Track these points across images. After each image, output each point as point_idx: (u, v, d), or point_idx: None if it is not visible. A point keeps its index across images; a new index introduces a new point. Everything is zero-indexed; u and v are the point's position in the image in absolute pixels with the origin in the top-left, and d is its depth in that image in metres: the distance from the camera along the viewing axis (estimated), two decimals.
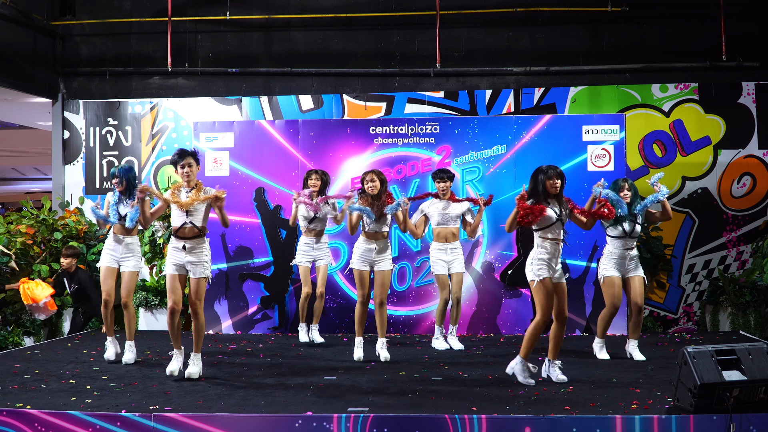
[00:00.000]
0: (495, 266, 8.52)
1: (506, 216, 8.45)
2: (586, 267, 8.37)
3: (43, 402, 5.13)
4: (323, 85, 9.94)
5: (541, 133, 8.54)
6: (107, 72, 10.20)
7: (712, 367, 4.55)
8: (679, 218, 9.33)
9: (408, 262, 8.62)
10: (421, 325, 8.57)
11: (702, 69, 9.52)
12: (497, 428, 4.54)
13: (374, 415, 4.62)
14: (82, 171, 10.15)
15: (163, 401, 5.15)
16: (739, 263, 9.28)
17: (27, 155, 17.92)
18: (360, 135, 8.72)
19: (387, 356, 6.73)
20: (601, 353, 6.82)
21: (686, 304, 9.33)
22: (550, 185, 5.62)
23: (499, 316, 8.49)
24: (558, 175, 5.64)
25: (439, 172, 7.54)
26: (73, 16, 10.29)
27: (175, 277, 5.94)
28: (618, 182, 6.71)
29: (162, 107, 10.01)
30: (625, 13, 9.50)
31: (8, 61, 9.54)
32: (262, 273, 8.76)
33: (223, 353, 7.32)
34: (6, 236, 9.08)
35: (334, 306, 8.64)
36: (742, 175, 9.37)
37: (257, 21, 10.03)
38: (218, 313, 8.74)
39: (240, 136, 8.81)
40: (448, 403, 5.05)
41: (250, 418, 4.69)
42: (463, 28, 9.79)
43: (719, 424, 4.49)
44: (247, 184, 8.78)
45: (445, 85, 9.79)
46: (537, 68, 9.67)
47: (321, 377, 6.04)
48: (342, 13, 9.86)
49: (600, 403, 5.00)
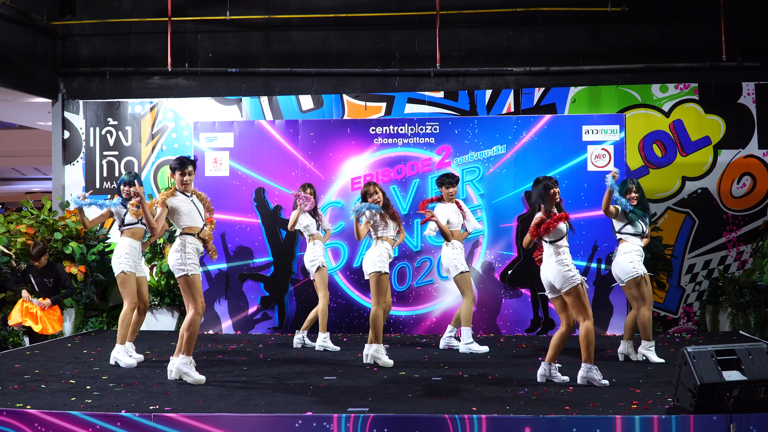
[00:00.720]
0: (495, 266, 8.52)
1: (506, 216, 8.53)
2: (586, 267, 8.37)
3: (43, 402, 5.13)
4: (323, 85, 9.95)
5: (541, 133, 8.54)
6: (107, 72, 10.20)
7: (712, 367, 4.55)
8: (679, 218, 9.33)
9: (408, 263, 8.62)
10: (421, 325, 8.57)
11: (702, 69, 9.52)
12: (497, 428, 4.54)
13: (374, 415, 4.62)
14: (82, 171, 10.15)
15: (163, 401, 5.15)
16: (739, 263, 9.28)
17: (27, 155, 17.91)
18: (360, 135, 8.72)
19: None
20: (654, 356, 6.66)
21: (686, 304, 9.33)
22: (554, 194, 5.61)
23: (499, 316, 8.49)
24: (556, 184, 5.67)
25: (448, 177, 7.51)
26: (73, 16, 10.29)
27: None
28: (626, 183, 6.66)
29: (162, 107, 10.01)
30: (625, 13, 9.50)
31: (8, 61, 9.54)
32: (262, 273, 8.76)
33: (223, 353, 7.32)
34: (6, 236, 9.08)
35: (334, 306, 8.63)
36: (742, 175, 9.37)
37: (257, 21, 10.04)
38: (218, 313, 8.74)
39: (240, 136, 8.81)
40: (448, 403, 5.05)
41: (250, 418, 4.69)
42: (463, 28, 9.79)
43: (719, 424, 4.49)
44: (247, 184, 8.78)
45: (445, 85, 9.79)
46: (537, 68, 9.67)
47: (321, 377, 6.04)
48: (342, 13, 9.86)
49: (600, 403, 5.00)
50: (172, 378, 5.87)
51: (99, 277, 9.32)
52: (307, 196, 7.44)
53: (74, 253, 9.15)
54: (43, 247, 8.38)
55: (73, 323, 9.18)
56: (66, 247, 9.14)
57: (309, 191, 7.53)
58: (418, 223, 8.53)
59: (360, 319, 8.59)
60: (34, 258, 8.30)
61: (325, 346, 7.45)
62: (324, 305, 7.40)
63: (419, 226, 8.53)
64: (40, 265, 8.34)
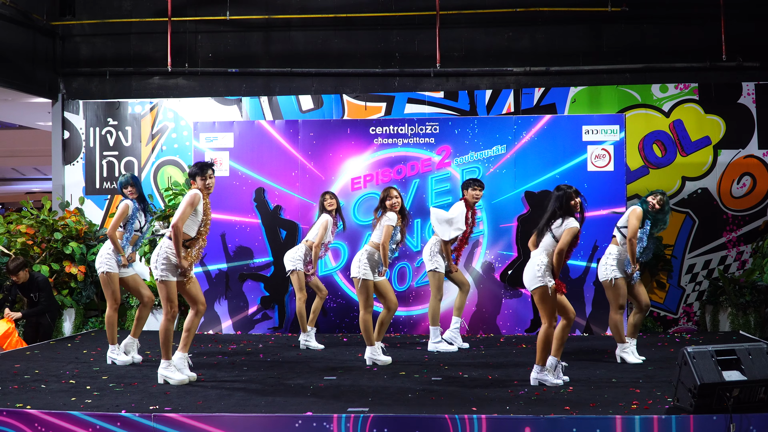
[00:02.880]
0: (495, 266, 8.52)
1: (506, 216, 8.54)
2: (586, 267, 8.37)
3: (43, 402, 5.14)
4: (323, 85, 9.94)
5: (541, 133, 8.54)
6: (107, 72, 10.20)
7: (712, 367, 4.55)
8: (679, 218, 9.32)
9: (408, 263, 8.62)
10: (421, 325, 8.57)
11: (702, 69, 9.52)
12: (497, 428, 4.54)
13: (374, 415, 4.62)
14: (82, 171, 10.15)
15: (163, 401, 5.15)
16: (739, 263, 9.28)
17: (27, 155, 17.90)
18: (360, 135, 8.72)
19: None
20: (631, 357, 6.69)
21: (686, 304, 9.32)
22: (575, 204, 5.66)
23: (499, 316, 8.49)
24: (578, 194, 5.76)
25: (475, 182, 7.54)
26: (73, 16, 10.29)
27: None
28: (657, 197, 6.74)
29: (162, 107, 10.01)
30: (625, 13, 9.50)
31: (8, 61, 9.54)
32: (262, 273, 8.76)
33: (223, 353, 7.32)
34: (6, 236, 9.08)
35: (334, 306, 8.64)
36: (742, 176, 9.36)
37: (257, 21, 10.03)
38: (218, 313, 8.74)
39: (240, 137, 8.81)
40: (448, 403, 5.05)
41: (250, 418, 4.69)
42: (463, 28, 9.79)
43: (719, 424, 4.49)
44: (247, 185, 8.78)
45: (445, 85, 9.79)
46: (537, 68, 9.67)
47: (321, 377, 6.04)
48: (342, 13, 9.86)
49: (600, 403, 5.01)
50: (160, 382, 5.89)
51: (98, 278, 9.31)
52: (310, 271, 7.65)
53: (74, 253, 9.17)
54: (22, 262, 7.98)
55: (73, 323, 9.18)
56: (66, 247, 9.15)
57: (329, 198, 7.68)
58: (418, 223, 8.54)
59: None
60: (11, 272, 7.92)
61: (307, 345, 7.62)
62: (301, 306, 7.61)
63: (419, 226, 8.53)
64: (19, 281, 7.98)
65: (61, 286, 9.22)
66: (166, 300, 5.80)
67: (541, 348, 5.58)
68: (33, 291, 8.10)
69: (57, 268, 9.12)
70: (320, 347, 7.59)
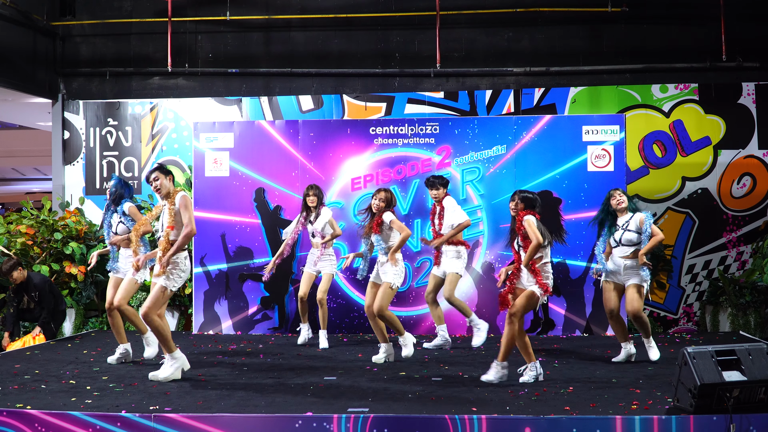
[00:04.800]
0: (495, 266, 8.52)
1: (506, 217, 8.47)
2: (586, 267, 8.37)
3: (43, 402, 5.13)
4: (323, 85, 9.95)
5: (541, 133, 8.54)
6: (107, 72, 10.20)
7: (712, 367, 4.54)
8: (679, 219, 9.33)
9: (408, 263, 8.62)
10: (421, 326, 8.57)
11: (702, 69, 9.52)
12: (497, 428, 4.54)
13: (374, 416, 4.61)
14: (82, 171, 10.15)
15: (163, 401, 5.15)
16: (739, 264, 9.28)
17: (27, 155, 17.92)
18: (360, 135, 8.72)
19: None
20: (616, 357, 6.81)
21: (686, 304, 9.33)
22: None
23: (499, 316, 8.48)
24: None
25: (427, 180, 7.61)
26: (73, 17, 10.30)
27: None
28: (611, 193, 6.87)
29: (162, 108, 10.01)
30: (625, 14, 9.50)
31: (8, 61, 9.54)
32: (262, 273, 8.75)
33: (223, 353, 7.32)
34: (6, 236, 9.08)
35: (334, 306, 8.63)
36: (742, 176, 9.37)
37: (257, 21, 10.04)
38: (218, 313, 8.74)
39: (240, 137, 8.81)
40: (448, 403, 5.05)
41: (250, 419, 4.69)
42: (463, 28, 9.79)
43: (719, 424, 4.48)
44: (247, 185, 8.78)
45: (445, 85, 9.80)
46: (537, 68, 9.67)
47: (321, 377, 6.04)
48: (342, 14, 9.86)
49: (600, 403, 5.00)
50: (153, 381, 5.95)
51: (99, 278, 9.32)
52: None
53: (74, 254, 9.16)
54: (14, 262, 7.87)
55: (73, 323, 9.18)
56: (66, 247, 9.15)
57: (312, 195, 7.63)
58: (418, 223, 8.54)
59: (360, 320, 8.59)
60: (5, 274, 7.81)
61: (317, 342, 7.72)
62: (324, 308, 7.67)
63: (419, 225, 8.53)
64: (16, 281, 7.90)
65: (61, 287, 9.22)
66: (161, 303, 5.96)
67: (504, 344, 5.77)
68: (31, 291, 8.06)
69: (57, 269, 9.11)
70: (325, 346, 7.57)
